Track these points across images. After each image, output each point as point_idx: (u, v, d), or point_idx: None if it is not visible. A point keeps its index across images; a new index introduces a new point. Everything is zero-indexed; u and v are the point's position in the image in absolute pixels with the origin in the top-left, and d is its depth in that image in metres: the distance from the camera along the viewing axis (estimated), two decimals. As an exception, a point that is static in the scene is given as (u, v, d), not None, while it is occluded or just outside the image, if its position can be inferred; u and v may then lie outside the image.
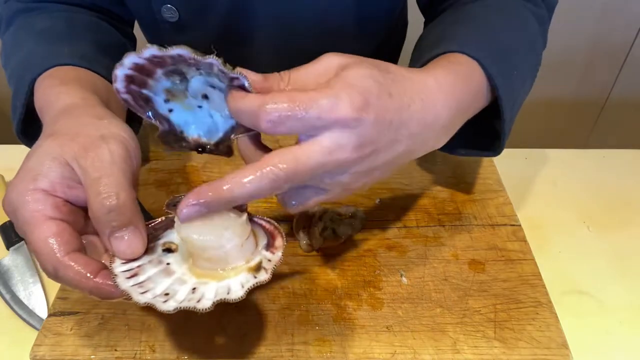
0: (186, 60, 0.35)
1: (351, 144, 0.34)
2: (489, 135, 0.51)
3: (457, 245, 0.52)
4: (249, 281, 0.35)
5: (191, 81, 0.38)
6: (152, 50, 0.34)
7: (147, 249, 0.37)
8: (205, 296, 0.35)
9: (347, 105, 0.33)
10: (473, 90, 0.45)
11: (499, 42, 0.48)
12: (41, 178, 0.35)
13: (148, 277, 0.36)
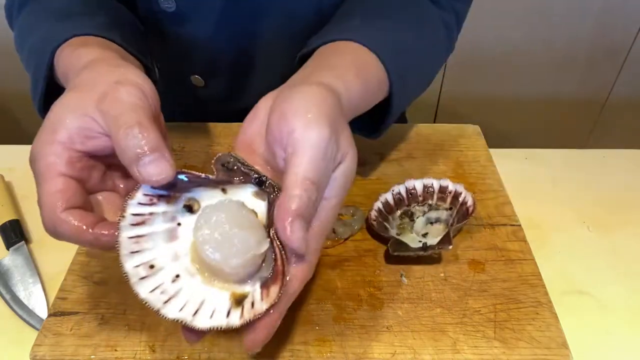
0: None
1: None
2: (368, 119, 0.51)
3: (457, 245, 0.52)
4: (220, 317, 0.33)
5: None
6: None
7: (170, 198, 0.36)
8: (179, 296, 0.33)
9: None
10: (374, 99, 0.47)
11: (403, 42, 0.50)
12: (60, 130, 0.36)
13: (151, 232, 0.35)
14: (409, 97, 0.52)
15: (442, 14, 0.57)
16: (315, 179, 0.34)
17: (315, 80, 0.40)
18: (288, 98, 0.37)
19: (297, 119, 0.35)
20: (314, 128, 0.34)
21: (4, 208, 0.59)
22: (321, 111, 0.35)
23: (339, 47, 0.47)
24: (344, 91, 0.41)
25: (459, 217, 0.52)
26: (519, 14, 1.38)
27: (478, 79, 1.51)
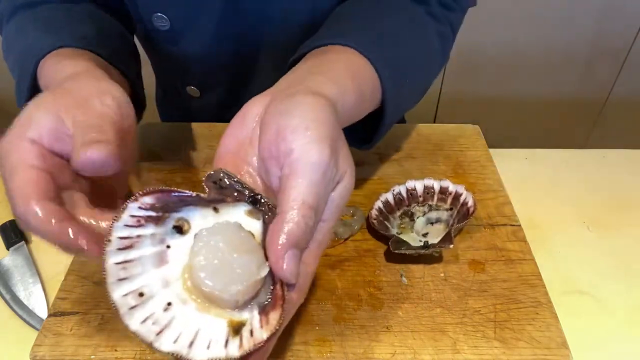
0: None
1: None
2: (361, 130, 0.50)
3: (457, 245, 0.52)
4: (218, 348, 0.31)
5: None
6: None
7: (158, 219, 0.34)
8: (172, 325, 0.31)
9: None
10: (368, 107, 0.45)
11: (398, 51, 0.48)
12: (31, 128, 0.36)
13: (139, 256, 0.33)
14: (402, 107, 0.51)
15: (437, 25, 0.56)
16: (314, 204, 0.32)
17: (311, 88, 0.37)
18: (284, 112, 0.34)
19: (296, 138, 0.32)
20: (314, 148, 0.32)
21: (4, 208, 0.59)
22: (321, 129, 0.33)
23: (331, 51, 0.45)
24: (340, 99, 0.38)
25: (460, 218, 0.52)
26: (519, 14, 1.38)
27: (478, 79, 1.51)
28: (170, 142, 0.65)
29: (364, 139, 0.52)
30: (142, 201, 0.33)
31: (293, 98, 0.35)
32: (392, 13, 0.53)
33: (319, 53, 0.45)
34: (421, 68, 0.53)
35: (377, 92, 0.46)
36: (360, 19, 0.51)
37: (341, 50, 0.45)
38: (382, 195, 0.55)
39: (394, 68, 0.46)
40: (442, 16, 0.57)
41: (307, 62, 0.44)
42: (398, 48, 0.49)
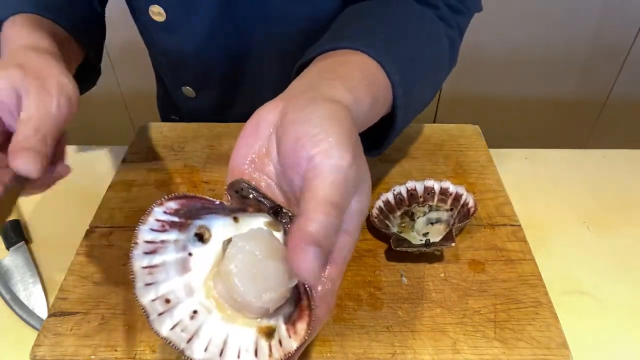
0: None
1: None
2: (371, 136, 0.49)
3: (457, 245, 0.52)
4: (248, 357, 0.31)
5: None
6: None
7: (182, 225, 0.34)
8: (200, 334, 0.31)
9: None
10: (379, 114, 0.44)
11: (409, 55, 0.47)
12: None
13: (164, 262, 0.33)
14: (411, 112, 0.49)
15: (447, 29, 0.55)
16: (339, 202, 0.30)
17: (326, 95, 0.36)
18: (303, 120, 0.33)
19: (317, 145, 0.31)
20: (336, 153, 0.31)
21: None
22: (342, 136, 0.32)
23: (343, 55, 0.43)
24: (355, 106, 0.37)
25: (460, 218, 0.52)
26: (519, 14, 1.38)
27: (478, 79, 1.51)
28: (170, 142, 0.65)
29: (372, 145, 0.50)
30: (167, 205, 0.33)
31: (310, 105, 0.34)
32: (402, 16, 0.52)
33: (328, 56, 0.44)
34: (431, 71, 0.52)
35: (389, 97, 0.44)
36: (369, 23, 0.50)
37: (351, 54, 0.43)
38: (383, 195, 0.55)
39: (405, 73, 0.45)
40: (451, 19, 0.56)
41: (317, 65, 0.43)
42: (408, 52, 0.47)
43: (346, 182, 0.31)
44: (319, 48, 0.45)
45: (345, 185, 0.31)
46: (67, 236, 0.56)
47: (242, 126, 0.37)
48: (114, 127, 1.62)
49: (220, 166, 0.61)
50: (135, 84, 1.57)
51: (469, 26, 0.63)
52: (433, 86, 0.54)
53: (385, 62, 0.43)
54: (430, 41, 0.52)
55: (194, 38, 0.63)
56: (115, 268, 0.50)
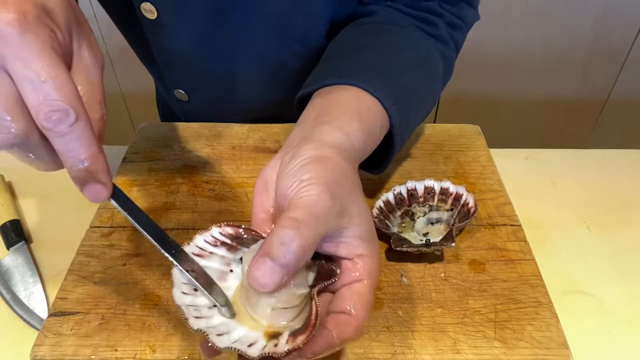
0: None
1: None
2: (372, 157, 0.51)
3: (457, 245, 0.52)
4: (241, 346, 0.33)
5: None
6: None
7: (231, 247, 0.38)
8: (213, 321, 0.34)
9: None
10: (376, 142, 0.46)
11: (404, 84, 0.50)
12: (50, 14, 0.31)
13: (207, 266, 0.37)
14: (408, 134, 0.52)
15: (442, 48, 0.57)
16: (298, 217, 0.32)
17: (313, 142, 0.39)
18: (286, 176, 0.36)
19: (292, 191, 0.35)
20: (306, 189, 0.34)
21: (4, 208, 0.59)
22: (317, 175, 0.35)
23: (339, 92, 0.46)
24: (346, 142, 0.40)
25: (460, 218, 0.52)
26: (520, 14, 1.38)
27: (478, 79, 1.51)
28: (170, 142, 0.65)
29: (374, 164, 0.53)
30: (224, 229, 0.38)
31: (291, 160, 0.37)
32: (396, 46, 0.54)
33: (326, 94, 0.47)
34: (425, 97, 0.55)
35: (385, 127, 0.47)
36: (365, 55, 0.52)
37: (349, 89, 0.46)
38: (383, 195, 0.55)
39: (401, 103, 0.48)
40: (448, 37, 0.58)
41: (314, 107, 0.46)
42: (404, 83, 0.50)
43: (315, 204, 0.33)
44: (318, 82, 0.48)
45: (313, 207, 0.33)
46: (67, 236, 0.56)
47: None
48: (114, 127, 1.62)
49: (221, 166, 0.61)
50: (135, 84, 1.57)
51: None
52: (427, 108, 0.56)
53: (382, 97, 0.46)
54: (424, 68, 0.55)
55: (185, 39, 0.63)
56: (115, 268, 0.50)
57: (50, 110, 0.29)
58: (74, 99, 0.30)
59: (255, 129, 0.66)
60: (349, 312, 0.34)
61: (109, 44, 1.46)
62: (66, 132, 0.30)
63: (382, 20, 0.58)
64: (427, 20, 0.58)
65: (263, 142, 0.65)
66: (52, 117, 0.29)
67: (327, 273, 0.36)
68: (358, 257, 0.36)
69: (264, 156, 0.63)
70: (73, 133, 0.30)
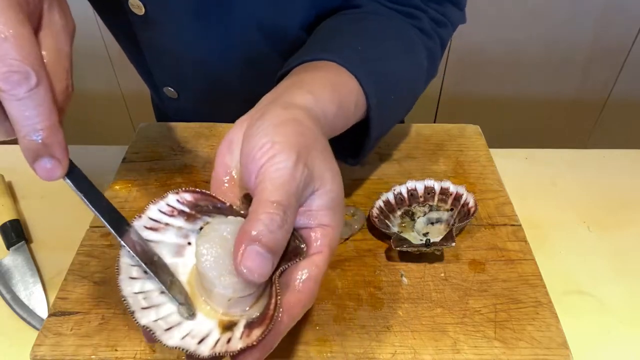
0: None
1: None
2: (349, 146, 0.50)
3: (457, 245, 0.52)
4: (191, 342, 0.31)
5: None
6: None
7: (190, 216, 0.35)
8: (161, 306, 0.32)
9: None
10: (351, 117, 0.45)
11: (385, 68, 0.49)
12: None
13: (161, 240, 0.34)
14: (387, 122, 0.51)
15: (427, 41, 0.57)
16: (281, 200, 0.31)
17: (282, 103, 0.38)
18: (253, 134, 0.35)
19: (264, 154, 0.33)
20: (280, 157, 0.33)
21: (4, 208, 0.59)
22: (287, 139, 0.34)
23: (316, 65, 0.46)
24: (316, 106, 0.39)
25: (460, 218, 0.52)
26: (520, 14, 1.38)
27: (478, 79, 1.52)
28: (171, 142, 0.65)
29: (352, 155, 0.52)
30: (182, 196, 0.35)
31: (262, 117, 0.36)
32: (379, 31, 0.54)
33: (304, 68, 0.45)
34: (407, 85, 0.54)
35: (362, 106, 0.46)
36: (348, 36, 0.52)
37: (328, 66, 0.45)
38: (383, 195, 0.55)
39: (380, 85, 0.47)
40: (432, 31, 0.58)
41: (291, 77, 0.45)
42: (385, 66, 0.49)
43: (291, 180, 0.32)
44: (298, 59, 0.47)
45: (290, 184, 0.32)
46: (67, 236, 0.56)
47: (215, 158, 0.38)
48: (114, 127, 1.62)
49: (221, 166, 0.61)
50: (135, 84, 1.57)
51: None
52: (409, 98, 0.55)
53: (360, 75, 0.45)
54: (407, 56, 0.54)
55: (173, 36, 0.63)
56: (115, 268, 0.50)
57: (9, 71, 0.26)
58: (36, 62, 0.27)
59: (255, 129, 0.66)
60: (298, 286, 0.33)
61: (108, 44, 1.46)
62: (23, 97, 0.27)
63: (367, 10, 0.58)
64: (411, 15, 0.58)
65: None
66: (9, 78, 0.26)
67: (292, 251, 0.33)
68: (321, 227, 0.34)
69: (264, 156, 0.63)
70: (31, 98, 0.27)
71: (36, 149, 0.29)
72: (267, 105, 0.38)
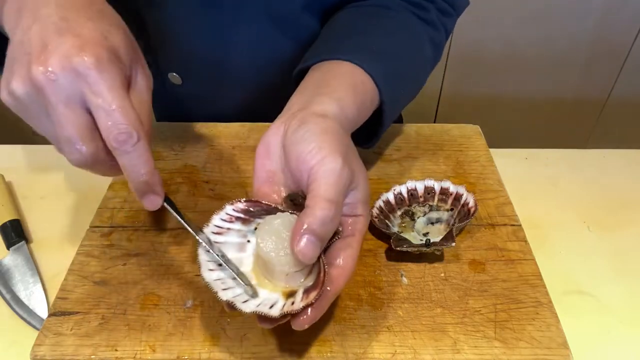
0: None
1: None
2: (364, 133, 0.55)
3: (457, 245, 0.52)
4: (264, 308, 0.38)
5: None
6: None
7: (245, 220, 0.43)
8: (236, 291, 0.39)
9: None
10: (368, 114, 0.50)
11: (396, 65, 0.54)
12: (109, 38, 0.37)
13: (226, 241, 0.42)
14: (397, 109, 0.57)
15: (433, 33, 0.61)
16: (333, 198, 0.38)
17: (317, 111, 0.43)
18: (300, 140, 0.40)
19: (314, 157, 0.39)
20: (329, 160, 0.39)
21: (4, 208, 0.59)
22: (332, 146, 0.39)
23: (335, 67, 0.50)
24: (342, 114, 0.44)
25: (460, 218, 0.52)
26: (520, 14, 1.38)
27: (478, 79, 1.51)
28: (170, 142, 0.65)
29: (365, 138, 0.56)
30: (236, 206, 0.43)
31: (304, 126, 0.41)
32: (392, 29, 0.58)
33: (326, 69, 0.50)
34: (414, 75, 0.59)
35: (376, 100, 0.51)
36: (362, 35, 0.55)
37: (346, 67, 0.50)
38: (383, 195, 0.55)
39: (392, 82, 0.52)
40: (438, 22, 0.62)
41: (312, 77, 0.50)
42: (396, 63, 0.54)
43: (340, 180, 0.38)
44: (316, 56, 0.52)
45: (339, 183, 0.38)
46: (67, 236, 0.56)
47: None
48: (114, 127, 1.62)
49: (221, 166, 0.61)
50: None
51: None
52: (416, 85, 0.60)
53: (376, 75, 0.50)
54: (415, 49, 0.59)
55: (179, 19, 0.63)
56: (115, 268, 0.50)
57: (119, 133, 0.36)
58: (137, 124, 0.37)
59: (255, 128, 0.66)
60: (339, 264, 0.39)
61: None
62: (130, 151, 0.37)
63: (377, 3, 0.61)
64: (420, 5, 0.61)
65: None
66: (119, 138, 0.36)
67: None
68: (356, 216, 0.41)
69: (264, 156, 0.63)
70: (135, 151, 0.37)
71: (142, 189, 0.39)
72: (302, 113, 0.43)
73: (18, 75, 0.35)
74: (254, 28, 0.64)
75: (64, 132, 0.36)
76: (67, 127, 0.36)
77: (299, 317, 0.37)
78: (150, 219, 0.55)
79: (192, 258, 0.51)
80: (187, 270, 0.50)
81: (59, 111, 0.35)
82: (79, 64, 0.35)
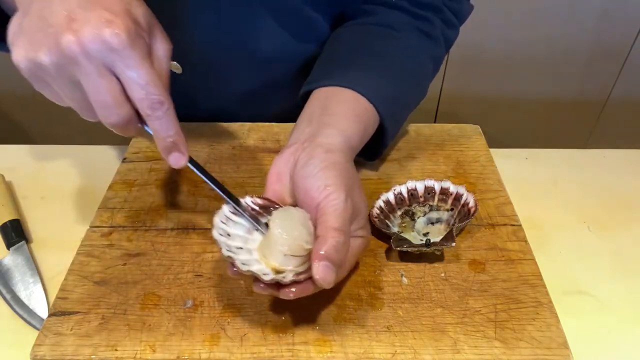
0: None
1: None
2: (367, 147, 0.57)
3: (458, 245, 0.52)
4: (262, 274, 0.42)
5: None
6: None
7: (259, 213, 0.46)
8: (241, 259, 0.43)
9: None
10: (369, 137, 0.54)
11: (398, 89, 0.57)
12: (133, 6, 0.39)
13: (238, 221, 0.46)
14: (397, 128, 0.60)
15: (434, 49, 0.63)
16: (341, 227, 0.42)
17: (324, 144, 0.47)
18: (307, 176, 0.45)
19: (320, 195, 0.43)
20: (334, 198, 0.43)
21: (4, 208, 0.59)
22: (336, 182, 0.44)
23: (339, 93, 0.53)
24: (348, 144, 0.49)
25: (461, 218, 0.52)
26: (520, 14, 1.38)
27: (478, 79, 1.51)
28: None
29: (368, 152, 0.59)
30: (255, 199, 0.47)
31: (311, 161, 0.45)
32: (395, 52, 0.60)
33: (327, 93, 0.54)
34: (416, 96, 0.61)
35: (377, 124, 0.55)
36: (365, 59, 0.58)
37: (347, 92, 0.53)
38: (383, 195, 0.55)
39: (394, 106, 0.56)
40: (441, 37, 0.64)
41: (318, 103, 0.53)
42: (398, 88, 0.57)
43: (345, 213, 0.43)
44: (321, 81, 0.55)
45: (344, 215, 0.43)
46: (67, 236, 0.56)
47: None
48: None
49: (221, 166, 0.61)
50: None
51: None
52: (415, 103, 0.62)
53: (377, 102, 0.53)
54: (417, 72, 0.61)
55: (179, 9, 0.63)
56: (115, 268, 0.50)
57: (152, 102, 0.39)
58: (164, 92, 0.40)
59: (255, 128, 0.66)
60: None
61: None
62: (162, 116, 0.40)
63: (382, 22, 0.62)
64: (426, 19, 0.62)
65: (263, 142, 0.65)
66: (153, 107, 0.40)
67: None
68: (355, 237, 0.46)
69: (264, 156, 0.63)
70: (165, 116, 0.41)
71: (169, 147, 0.43)
72: (310, 145, 0.47)
73: (45, 46, 0.37)
74: (255, 20, 0.64)
75: (100, 98, 0.38)
76: (104, 94, 0.38)
77: (285, 288, 0.41)
78: (150, 219, 0.55)
79: (193, 258, 0.51)
80: (187, 270, 0.50)
81: (94, 79, 0.38)
82: (111, 37, 0.36)
